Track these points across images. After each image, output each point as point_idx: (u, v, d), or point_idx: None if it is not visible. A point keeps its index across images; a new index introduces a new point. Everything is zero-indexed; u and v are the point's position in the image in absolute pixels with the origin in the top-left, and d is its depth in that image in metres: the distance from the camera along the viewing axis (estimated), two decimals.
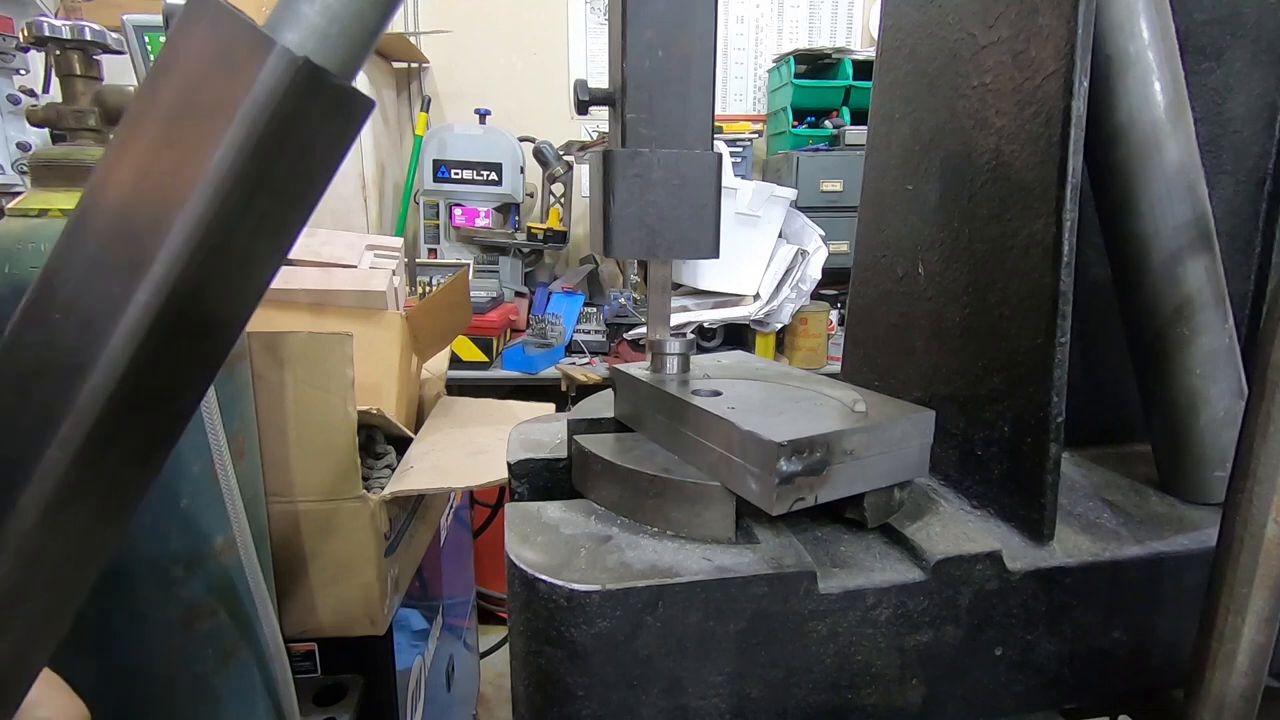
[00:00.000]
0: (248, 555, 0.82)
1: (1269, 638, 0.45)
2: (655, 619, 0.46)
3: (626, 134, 0.55)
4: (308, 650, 1.13)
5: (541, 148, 2.79)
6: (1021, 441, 0.55)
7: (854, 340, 0.81)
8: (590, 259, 3.12)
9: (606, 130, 2.70)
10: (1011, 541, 0.54)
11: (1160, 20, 0.57)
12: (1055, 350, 0.52)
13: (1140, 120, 0.57)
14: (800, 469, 0.47)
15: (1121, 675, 0.58)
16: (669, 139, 0.55)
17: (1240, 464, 0.44)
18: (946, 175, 0.63)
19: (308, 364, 1.00)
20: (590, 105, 0.57)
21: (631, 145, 0.55)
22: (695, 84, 0.55)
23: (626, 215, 0.55)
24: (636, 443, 0.60)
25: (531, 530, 0.52)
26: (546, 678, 0.48)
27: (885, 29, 0.73)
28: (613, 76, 0.57)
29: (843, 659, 0.50)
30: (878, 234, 0.74)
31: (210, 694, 0.86)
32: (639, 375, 0.63)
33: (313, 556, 1.06)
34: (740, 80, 3.32)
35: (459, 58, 3.14)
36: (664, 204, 0.55)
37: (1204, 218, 0.58)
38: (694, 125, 0.56)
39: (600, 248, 0.56)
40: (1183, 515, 0.61)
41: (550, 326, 2.52)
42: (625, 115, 0.54)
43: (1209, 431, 0.61)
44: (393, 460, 1.24)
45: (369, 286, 1.32)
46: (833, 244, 2.57)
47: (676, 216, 0.56)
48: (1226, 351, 0.60)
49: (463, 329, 1.65)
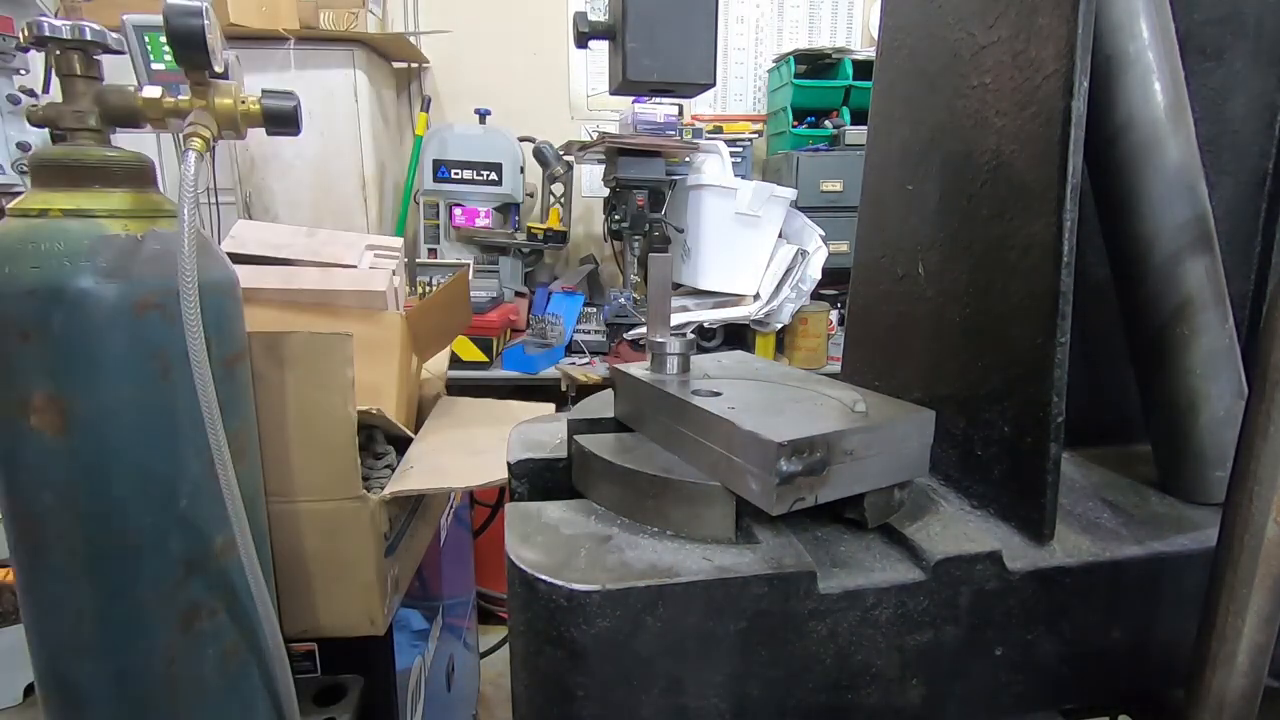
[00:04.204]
0: (248, 555, 0.82)
1: (1269, 638, 0.45)
2: (655, 619, 0.46)
3: (627, 65, 0.54)
4: (308, 650, 1.13)
5: (541, 148, 2.79)
6: (1021, 441, 0.55)
7: (854, 340, 0.81)
8: (590, 259, 3.12)
9: (607, 130, 2.68)
10: (1011, 541, 0.54)
11: (1160, 20, 0.57)
12: (1055, 350, 0.52)
13: (1140, 120, 0.57)
14: (800, 469, 0.47)
15: (1121, 675, 0.58)
16: (671, 70, 0.55)
17: (1240, 464, 0.44)
18: (946, 175, 0.63)
19: (308, 364, 1.00)
20: (590, 38, 0.56)
21: (633, 77, 0.54)
22: (699, 11, 0.54)
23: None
24: (636, 443, 0.60)
25: (531, 530, 0.52)
26: (546, 678, 0.48)
27: (885, 29, 0.73)
28: (612, 7, 0.56)
29: (843, 659, 0.50)
30: (878, 234, 0.74)
31: (210, 694, 0.86)
32: (639, 375, 0.63)
33: (313, 556, 1.06)
34: (740, 80, 3.32)
35: (459, 58, 3.14)
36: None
37: (1204, 218, 0.58)
38: (696, 56, 0.55)
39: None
40: (1183, 515, 0.61)
41: (550, 326, 2.52)
42: (626, 46, 0.54)
43: (1209, 431, 0.61)
44: (393, 460, 1.24)
45: (369, 286, 1.32)
46: (833, 244, 2.57)
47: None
48: (1226, 351, 0.60)
49: (463, 329, 1.65)
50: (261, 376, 0.97)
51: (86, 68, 0.80)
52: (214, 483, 0.78)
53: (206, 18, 0.77)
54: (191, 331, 0.73)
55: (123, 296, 0.74)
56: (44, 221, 0.74)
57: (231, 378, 0.85)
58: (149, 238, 0.77)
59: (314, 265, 1.35)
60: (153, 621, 0.81)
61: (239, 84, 0.86)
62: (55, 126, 0.81)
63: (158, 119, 0.83)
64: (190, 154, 0.77)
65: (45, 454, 0.75)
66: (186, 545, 0.81)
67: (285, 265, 1.34)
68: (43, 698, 0.83)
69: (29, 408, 0.73)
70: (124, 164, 0.79)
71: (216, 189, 2.38)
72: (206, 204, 2.34)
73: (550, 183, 2.86)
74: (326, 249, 1.38)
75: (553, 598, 0.45)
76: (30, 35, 0.77)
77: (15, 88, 1.72)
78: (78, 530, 0.77)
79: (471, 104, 3.00)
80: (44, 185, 0.77)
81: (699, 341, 2.51)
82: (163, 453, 0.78)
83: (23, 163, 1.71)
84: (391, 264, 1.41)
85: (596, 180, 2.88)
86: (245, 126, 0.85)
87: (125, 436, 0.76)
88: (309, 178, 2.67)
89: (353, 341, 1.02)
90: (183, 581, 0.81)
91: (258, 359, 0.96)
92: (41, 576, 0.79)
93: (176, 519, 0.80)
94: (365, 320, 1.29)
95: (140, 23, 1.88)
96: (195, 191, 0.74)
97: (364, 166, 2.69)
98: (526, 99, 3.18)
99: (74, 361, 0.73)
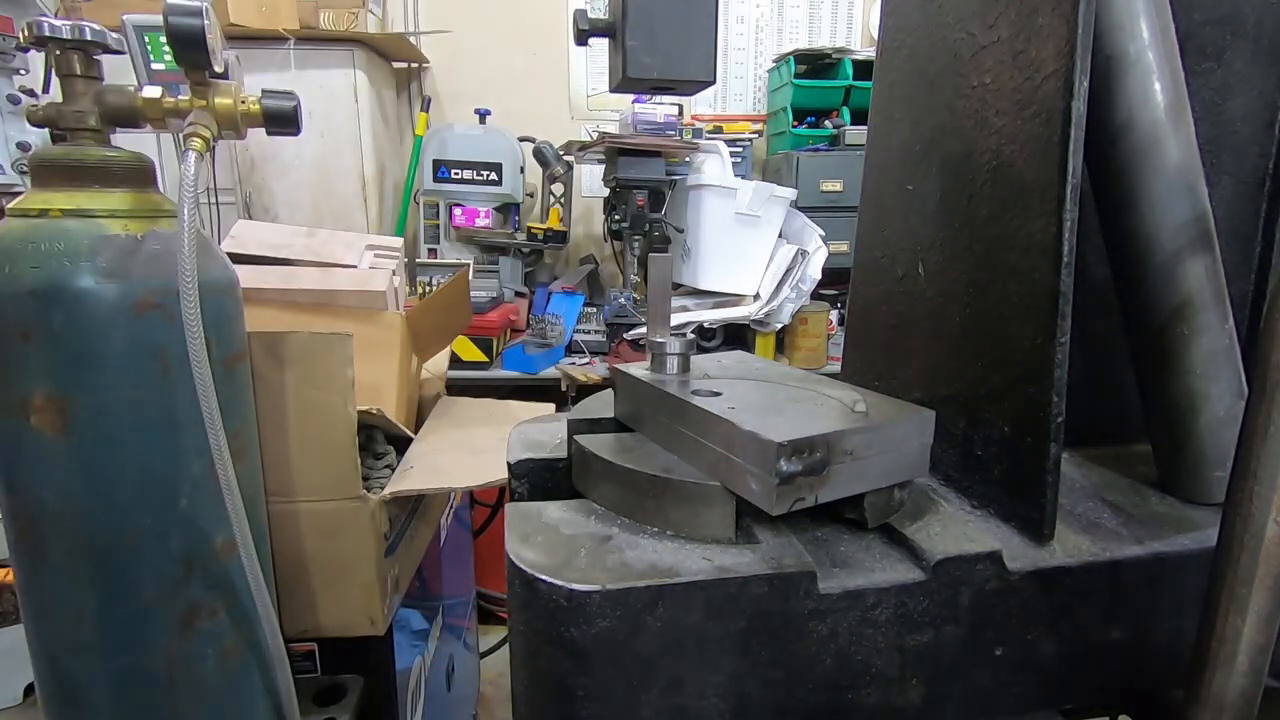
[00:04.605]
0: (248, 555, 0.82)
1: (1269, 638, 0.45)
2: (655, 619, 0.46)
3: (628, 62, 0.54)
4: (308, 650, 1.13)
5: (541, 148, 2.79)
6: (1021, 441, 0.55)
7: (854, 340, 0.81)
8: (590, 259, 3.12)
9: (607, 130, 2.68)
10: (1011, 541, 0.54)
11: (1160, 20, 0.57)
12: (1055, 350, 0.52)
13: (1140, 120, 0.57)
14: (800, 469, 0.47)
15: (1121, 675, 0.58)
16: (671, 67, 0.55)
17: (1240, 464, 0.44)
18: (946, 175, 0.63)
19: (308, 364, 1.00)
20: (590, 36, 0.56)
21: (633, 74, 0.54)
22: (699, 8, 0.54)
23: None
24: (636, 443, 0.60)
25: (531, 530, 0.52)
26: (546, 678, 0.48)
27: (885, 29, 0.73)
28: (613, 4, 0.56)
29: (843, 659, 0.50)
30: (878, 234, 0.74)
31: (210, 694, 0.86)
32: (639, 375, 0.63)
33: (313, 556, 1.06)
34: (740, 80, 3.32)
35: (459, 58, 3.14)
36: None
37: (1204, 218, 0.58)
38: (696, 53, 0.55)
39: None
40: (1183, 515, 0.61)
41: (550, 326, 2.52)
42: (626, 43, 0.54)
43: (1209, 431, 0.61)
44: (393, 460, 1.24)
45: (369, 286, 1.32)
46: (833, 244, 2.57)
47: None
48: (1226, 351, 0.60)
49: (463, 329, 1.65)
50: (261, 376, 0.97)
51: (86, 68, 0.80)
52: (214, 483, 0.78)
53: (206, 18, 0.77)
54: (191, 331, 0.73)
55: (123, 296, 0.74)
56: (44, 221, 0.74)
57: (231, 378, 0.85)
58: (149, 238, 0.77)
59: (314, 265, 1.35)
60: (153, 621, 0.81)
61: (239, 84, 0.86)
62: (55, 126, 0.81)
63: (158, 119, 0.83)
64: (190, 154, 0.77)
65: (45, 454, 0.75)
66: (186, 545, 0.81)
67: (285, 265, 1.34)
68: (43, 698, 0.83)
69: (29, 408, 0.73)
70: (124, 164, 0.79)
71: (216, 189, 2.38)
72: (206, 204, 2.34)
73: (550, 183, 2.86)
74: (326, 249, 1.38)
75: (553, 598, 0.45)
76: (30, 35, 0.77)
77: (15, 88, 1.72)
78: (78, 530, 0.77)
79: (471, 104, 3.00)
80: (44, 185, 0.77)
81: (699, 341, 2.51)
82: (163, 453, 0.78)
83: (23, 163, 1.71)
84: (391, 264, 1.41)
85: (596, 180, 2.88)
86: (245, 126, 0.85)
87: (125, 436, 0.76)
88: (309, 178, 2.67)
89: (353, 341, 1.02)
90: (183, 581, 0.81)
91: (258, 359, 0.96)
92: (41, 576, 0.79)
93: (176, 519, 0.80)
94: (365, 320, 1.29)
95: (140, 23, 1.88)
96: (195, 191, 0.74)
97: (364, 166, 2.69)
98: (526, 99, 3.18)
99: (74, 361, 0.73)
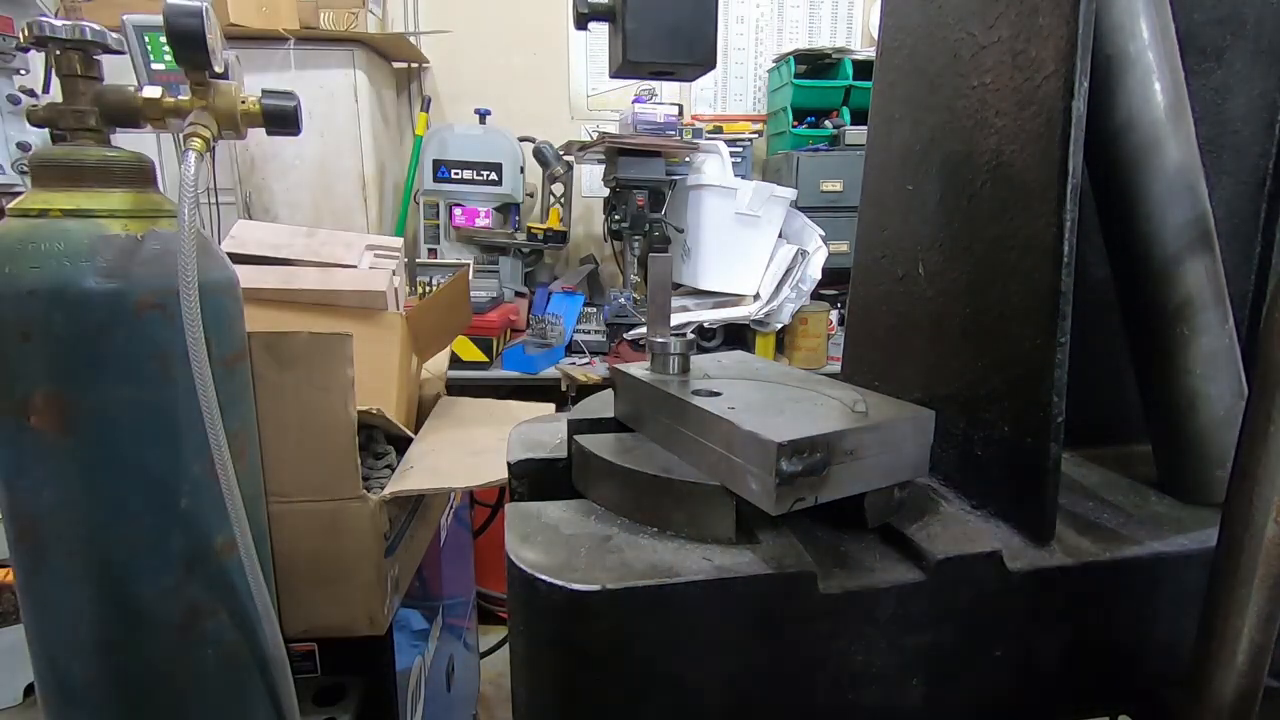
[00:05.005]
0: (248, 555, 0.82)
1: (1269, 638, 0.45)
2: (655, 619, 0.46)
3: (627, 46, 0.54)
4: (308, 650, 1.13)
5: (541, 148, 2.79)
6: (1021, 441, 0.55)
7: (854, 340, 0.81)
8: (590, 259, 3.12)
9: (607, 130, 2.68)
10: (1011, 541, 0.54)
11: (1160, 20, 0.57)
12: (1055, 350, 0.52)
13: (1140, 120, 0.57)
14: (800, 469, 0.47)
15: (1121, 675, 0.58)
16: (671, 51, 0.54)
17: (1240, 464, 0.44)
18: (946, 175, 0.63)
19: (308, 364, 1.00)
20: (589, 19, 0.56)
21: (633, 58, 0.54)
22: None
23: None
24: (636, 443, 0.60)
25: (531, 530, 0.52)
26: (547, 677, 0.48)
27: (885, 29, 0.73)
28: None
29: (843, 659, 0.50)
30: (878, 234, 0.74)
31: (210, 694, 0.86)
32: (639, 375, 0.63)
33: (313, 556, 1.06)
34: (740, 80, 3.32)
35: (459, 58, 3.14)
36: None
37: (1204, 218, 0.58)
38: (696, 37, 0.55)
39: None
40: (1183, 515, 0.61)
41: (550, 326, 2.52)
42: (626, 27, 0.53)
43: (1209, 431, 0.61)
44: (393, 460, 1.24)
45: (369, 286, 1.32)
46: (833, 244, 2.57)
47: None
48: (1226, 351, 0.60)
49: (463, 329, 1.65)
50: (261, 376, 0.97)
51: (86, 68, 0.80)
52: (214, 483, 0.78)
53: (206, 18, 0.77)
54: (191, 331, 0.73)
55: (123, 296, 0.74)
56: (44, 221, 0.74)
57: (231, 378, 0.85)
58: (149, 238, 0.77)
59: (314, 265, 1.35)
60: (153, 621, 0.81)
61: (239, 84, 0.86)
62: (55, 126, 0.81)
63: (158, 119, 0.83)
64: (190, 154, 0.77)
65: (45, 454, 0.75)
66: (186, 545, 0.81)
67: (285, 265, 1.34)
68: (43, 698, 0.83)
69: (29, 408, 0.73)
70: (124, 164, 0.79)
71: (216, 189, 2.38)
72: (206, 204, 2.34)
73: (550, 183, 2.86)
74: (326, 249, 1.38)
75: (553, 598, 0.45)
76: (30, 35, 0.77)
77: (15, 88, 1.72)
78: (78, 530, 0.77)
79: (471, 104, 3.00)
80: (44, 185, 0.77)
81: (699, 341, 2.51)
82: (163, 453, 0.78)
83: (23, 163, 1.71)
84: (391, 264, 1.41)
85: (596, 180, 2.88)
86: (245, 126, 0.85)
87: (125, 436, 0.76)
88: (309, 178, 2.67)
89: (353, 341, 1.02)
90: (183, 581, 0.81)
91: (258, 359, 0.96)
92: (41, 576, 0.79)
93: (176, 519, 0.80)
94: (365, 320, 1.30)
95: (140, 23, 1.88)
96: (195, 191, 0.74)
97: (364, 167, 2.70)
98: (526, 99, 3.18)
99: (74, 361, 0.73)
